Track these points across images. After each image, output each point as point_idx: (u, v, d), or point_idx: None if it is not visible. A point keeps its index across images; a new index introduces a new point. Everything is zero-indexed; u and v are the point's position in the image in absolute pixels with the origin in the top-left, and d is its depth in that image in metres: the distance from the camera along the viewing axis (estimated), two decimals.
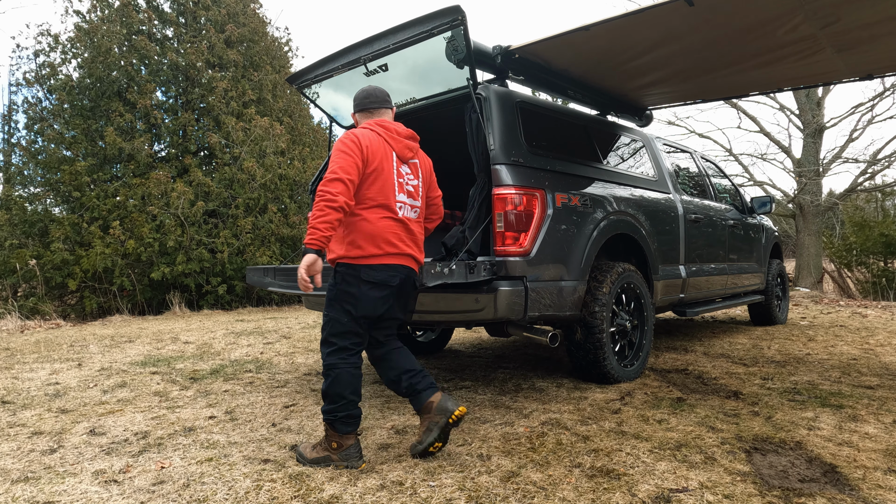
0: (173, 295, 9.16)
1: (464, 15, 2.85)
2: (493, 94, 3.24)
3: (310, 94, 3.94)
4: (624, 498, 1.94)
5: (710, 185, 5.40)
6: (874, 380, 3.64)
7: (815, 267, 12.57)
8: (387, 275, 2.32)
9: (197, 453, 2.48)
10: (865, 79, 3.96)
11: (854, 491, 1.97)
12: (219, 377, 4.08)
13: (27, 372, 4.41)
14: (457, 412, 2.32)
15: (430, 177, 2.66)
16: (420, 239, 2.49)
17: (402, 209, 2.41)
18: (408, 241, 2.40)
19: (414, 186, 2.49)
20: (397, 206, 2.38)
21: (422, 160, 2.61)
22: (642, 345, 3.82)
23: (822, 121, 12.92)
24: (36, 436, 2.79)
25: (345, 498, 1.99)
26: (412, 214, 2.46)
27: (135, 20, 9.73)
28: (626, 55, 3.56)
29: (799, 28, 3.12)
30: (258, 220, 9.75)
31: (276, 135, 10.13)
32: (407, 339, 4.77)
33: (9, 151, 9.53)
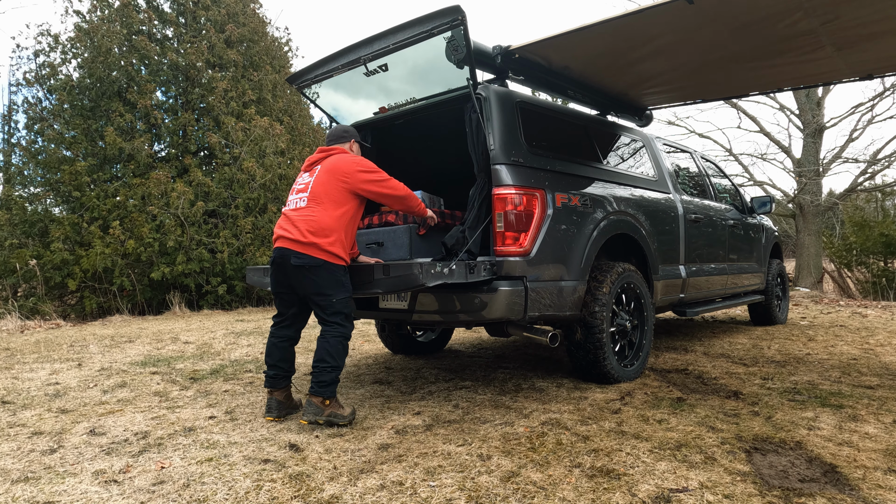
0: (173, 295, 9.16)
1: (464, 15, 2.85)
2: (493, 94, 3.24)
3: (310, 94, 3.94)
4: (624, 498, 1.94)
5: (710, 185, 5.40)
6: (874, 380, 3.64)
7: (815, 267, 12.57)
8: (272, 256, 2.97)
9: (197, 453, 2.48)
10: (865, 79, 3.96)
11: (854, 491, 1.97)
12: (219, 377, 4.08)
13: (27, 372, 4.41)
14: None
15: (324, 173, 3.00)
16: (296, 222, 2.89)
17: (289, 205, 3.01)
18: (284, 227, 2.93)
19: (304, 184, 3.00)
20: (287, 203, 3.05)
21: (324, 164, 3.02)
22: (642, 345, 3.82)
23: (822, 121, 12.92)
24: (36, 436, 2.79)
25: (345, 498, 1.99)
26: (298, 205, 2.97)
27: (135, 20, 9.73)
28: (627, 55, 3.56)
29: (798, 24, 3.12)
30: (258, 220, 9.75)
31: (276, 135, 10.13)
32: (407, 339, 4.78)
33: (9, 151, 9.53)
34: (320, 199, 2.87)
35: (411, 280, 2.65)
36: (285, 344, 3.03)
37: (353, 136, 3.17)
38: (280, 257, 2.87)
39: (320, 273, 2.80)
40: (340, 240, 2.85)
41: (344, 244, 2.87)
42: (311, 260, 2.79)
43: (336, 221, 2.84)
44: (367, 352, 5.08)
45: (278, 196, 10.21)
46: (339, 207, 2.87)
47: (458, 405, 3.18)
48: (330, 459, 2.37)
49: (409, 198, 3.04)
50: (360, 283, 2.94)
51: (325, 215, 2.83)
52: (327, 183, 2.89)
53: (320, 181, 2.91)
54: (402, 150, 4.49)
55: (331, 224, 2.83)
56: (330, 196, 2.86)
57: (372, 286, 2.88)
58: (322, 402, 2.80)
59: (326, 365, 2.80)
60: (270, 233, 9.84)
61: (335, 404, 2.85)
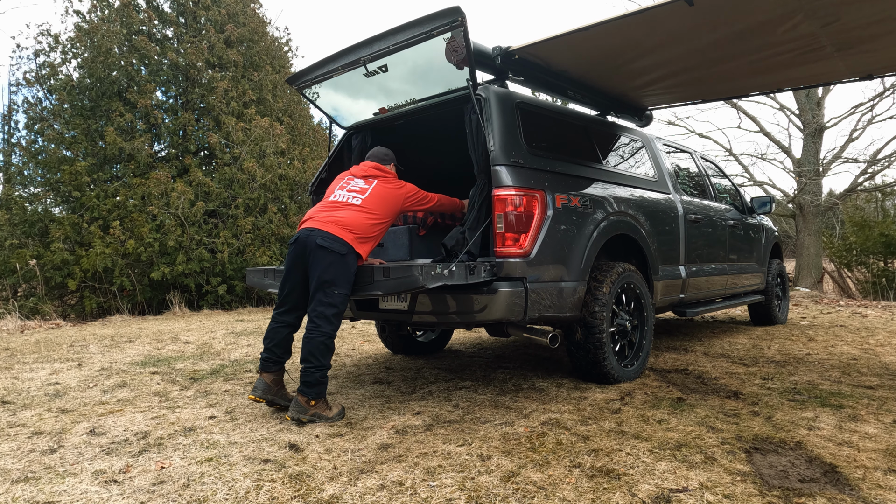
0: (173, 295, 9.16)
1: (464, 16, 2.85)
2: (493, 95, 3.24)
3: (310, 94, 3.94)
4: (624, 498, 1.94)
5: (710, 186, 5.40)
6: (874, 380, 3.64)
7: (815, 267, 12.57)
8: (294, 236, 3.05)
9: (197, 453, 2.48)
10: (865, 79, 3.96)
11: (854, 491, 1.98)
12: (219, 377, 4.08)
13: (27, 372, 4.41)
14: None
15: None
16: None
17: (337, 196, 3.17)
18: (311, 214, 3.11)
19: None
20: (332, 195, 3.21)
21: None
22: (642, 345, 3.82)
23: (822, 121, 12.92)
24: (36, 436, 2.79)
25: (345, 498, 2.00)
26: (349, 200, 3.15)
27: (135, 20, 9.73)
28: (626, 56, 3.56)
29: (799, 27, 3.12)
30: (258, 220, 9.75)
31: (276, 135, 10.13)
32: (407, 339, 4.78)
33: (9, 151, 9.53)
34: (374, 209, 3.05)
35: (411, 281, 2.65)
36: (283, 330, 3.06)
37: (393, 160, 3.43)
38: (306, 237, 2.93)
39: (340, 261, 2.85)
40: (370, 246, 3.04)
41: (368, 252, 3.04)
42: (339, 245, 2.86)
43: (376, 232, 3.06)
44: (367, 352, 5.08)
45: (278, 196, 10.21)
46: (383, 223, 3.10)
47: (458, 405, 3.19)
48: (330, 459, 2.37)
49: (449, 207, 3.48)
50: (360, 284, 2.94)
51: (372, 223, 3.01)
52: (386, 199, 3.11)
53: (380, 195, 3.12)
54: (402, 151, 4.48)
55: (373, 232, 3.03)
56: (384, 212, 3.09)
57: (372, 287, 2.88)
58: (307, 402, 2.85)
59: (310, 366, 2.84)
60: (271, 233, 9.85)
61: (321, 405, 2.90)
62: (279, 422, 2.93)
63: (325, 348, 2.85)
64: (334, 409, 2.96)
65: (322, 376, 2.85)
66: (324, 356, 2.85)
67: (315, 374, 2.83)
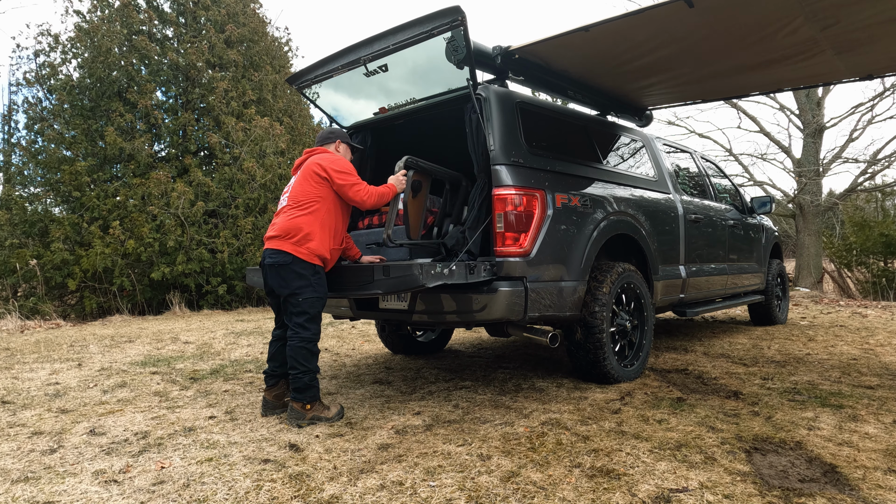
0: (173, 295, 9.16)
1: (464, 15, 2.85)
2: (493, 95, 3.24)
3: (310, 94, 3.94)
4: (624, 498, 1.94)
5: (710, 185, 5.40)
6: (874, 380, 3.64)
7: (815, 267, 12.57)
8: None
9: (197, 453, 2.48)
10: (865, 79, 3.96)
11: (854, 491, 1.97)
12: (219, 377, 4.08)
13: (27, 372, 4.41)
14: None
15: (303, 174, 3.04)
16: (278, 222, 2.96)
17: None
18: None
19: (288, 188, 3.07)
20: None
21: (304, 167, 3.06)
22: (642, 345, 3.82)
23: (822, 121, 12.92)
24: (36, 436, 2.79)
25: (345, 498, 2.00)
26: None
27: (135, 20, 9.73)
28: (626, 56, 3.56)
29: (799, 31, 3.12)
30: (258, 220, 9.75)
31: (276, 135, 10.13)
32: (407, 339, 4.78)
33: (9, 151, 9.53)
34: (298, 198, 2.94)
35: (411, 281, 2.65)
36: (276, 343, 3.10)
37: (339, 137, 3.22)
38: (262, 258, 2.98)
39: (287, 270, 2.85)
40: (315, 237, 2.88)
41: (321, 242, 2.90)
42: (281, 257, 2.85)
43: (310, 219, 2.89)
44: (367, 352, 5.08)
45: (278, 196, 10.21)
46: (314, 205, 2.92)
47: (458, 405, 3.18)
48: (330, 459, 2.37)
49: (377, 200, 3.01)
50: (360, 284, 2.94)
51: (300, 214, 2.90)
52: (304, 182, 2.96)
53: (299, 181, 2.99)
54: (402, 151, 4.48)
55: (305, 221, 2.88)
56: (307, 194, 2.93)
57: (372, 287, 2.88)
58: (302, 407, 2.85)
59: (296, 372, 2.83)
60: None
61: (318, 406, 2.90)
62: (279, 422, 2.93)
63: (306, 352, 2.85)
64: (333, 409, 2.96)
65: (311, 380, 2.86)
66: (307, 360, 2.85)
67: (303, 379, 2.84)
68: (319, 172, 2.94)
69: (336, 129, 3.28)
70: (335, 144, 3.21)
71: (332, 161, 2.99)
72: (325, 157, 3.02)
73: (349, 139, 3.27)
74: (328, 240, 2.95)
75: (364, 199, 2.97)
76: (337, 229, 3.02)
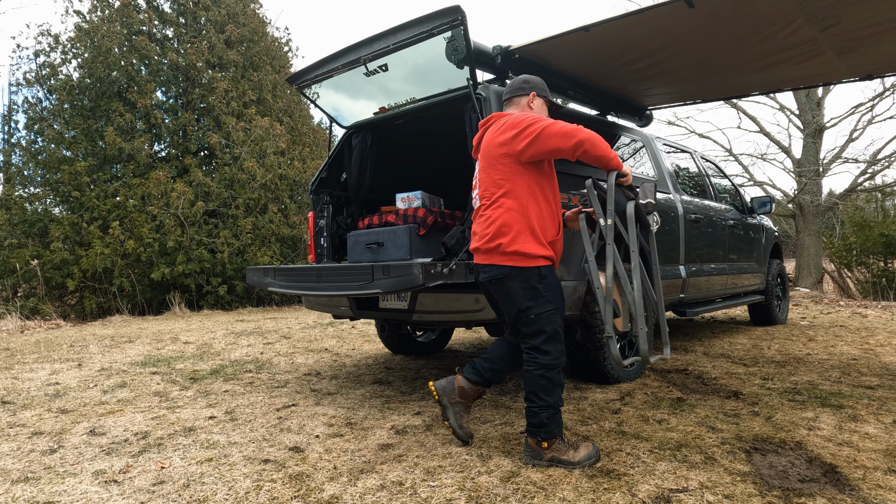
0: (173, 295, 9.16)
1: (464, 15, 2.85)
2: (493, 95, 3.23)
3: (310, 94, 3.94)
4: (624, 498, 1.94)
5: (710, 185, 5.40)
6: (874, 380, 3.64)
7: (815, 267, 12.57)
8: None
9: (197, 453, 2.48)
10: (865, 79, 3.96)
11: (854, 491, 1.97)
12: (219, 377, 4.08)
13: (27, 372, 4.41)
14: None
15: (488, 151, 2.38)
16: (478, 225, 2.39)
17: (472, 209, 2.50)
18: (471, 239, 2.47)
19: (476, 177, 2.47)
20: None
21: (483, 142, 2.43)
22: None
23: (822, 121, 12.92)
24: (36, 436, 2.79)
25: (345, 498, 1.99)
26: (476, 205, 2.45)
27: (135, 20, 9.73)
28: (626, 56, 3.56)
29: (799, 31, 3.12)
30: (258, 220, 9.75)
31: (277, 135, 10.13)
32: (407, 339, 4.78)
33: (9, 151, 9.54)
34: (488, 189, 2.33)
35: (411, 280, 2.65)
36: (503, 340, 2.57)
37: (534, 88, 2.48)
38: (476, 274, 2.47)
39: (507, 284, 2.28)
40: (528, 232, 2.26)
41: (536, 235, 2.28)
42: (494, 271, 2.30)
43: (512, 212, 2.27)
44: (367, 352, 5.08)
45: (278, 196, 10.22)
46: (512, 191, 2.28)
47: None
48: (330, 459, 2.37)
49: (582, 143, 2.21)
50: (359, 283, 2.94)
51: (497, 209, 2.29)
52: (488, 167, 2.34)
53: (482, 167, 2.38)
54: (403, 150, 4.49)
55: (506, 218, 2.26)
56: (495, 182, 2.30)
57: (372, 286, 2.88)
58: (538, 444, 2.27)
59: (533, 405, 2.27)
60: (271, 233, 9.86)
61: (558, 446, 2.25)
62: (279, 422, 2.93)
63: (545, 383, 2.25)
64: (582, 451, 2.26)
65: (550, 417, 2.25)
66: (547, 393, 2.25)
67: (539, 416, 2.26)
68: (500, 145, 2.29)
69: (530, 79, 2.50)
70: (528, 99, 2.47)
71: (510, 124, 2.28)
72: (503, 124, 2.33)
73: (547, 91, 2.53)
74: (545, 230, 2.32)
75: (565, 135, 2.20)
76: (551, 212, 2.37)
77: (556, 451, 2.25)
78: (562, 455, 2.23)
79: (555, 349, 2.28)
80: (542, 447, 2.25)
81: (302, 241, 10.22)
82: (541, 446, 2.26)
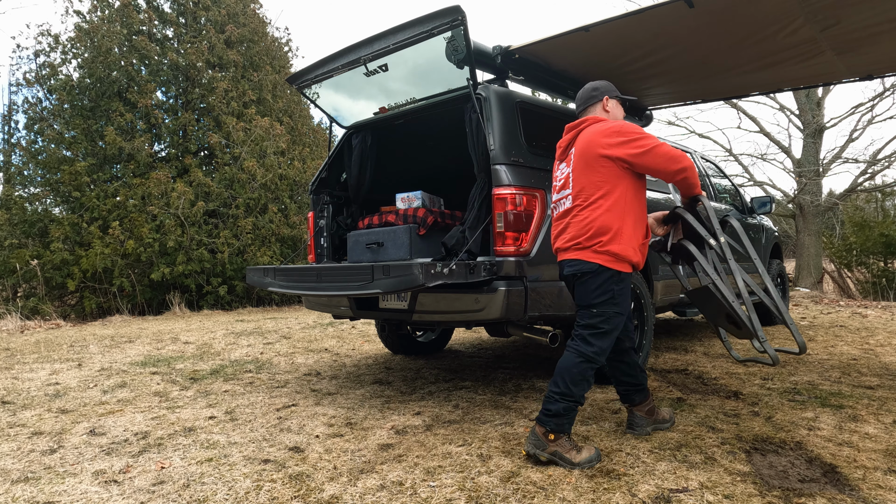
0: (173, 295, 9.16)
1: (464, 15, 2.85)
2: (493, 95, 3.24)
3: (310, 94, 3.94)
4: (624, 498, 1.94)
5: (710, 186, 5.40)
6: (874, 380, 3.64)
7: (815, 267, 12.57)
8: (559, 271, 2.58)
9: (197, 453, 2.48)
10: (865, 79, 3.96)
11: (854, 491, 1.97)
12: (219, 377, 4.08)
13: (27, 372, 4.41)
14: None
15: (584, 151, 2.42)
16: (572, 225, 2.43)
17: (556, 208, 2.56)
18: (556, 238, 2.54)
19: (565, 178, 2.50)
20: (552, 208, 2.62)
21: (576, 144, 2.47)
22: (642, 345, 3.82)
23: (822, 121, 12.92)
24: (36, 436, 2.79)
25: (345, 498, 1.99)
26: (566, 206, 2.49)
27: (135, 20, 9.73)
28: (626, 56, 3.57)
29: (799, 31, 3.12)
30: (259, 220, 9.75)
31: (277, 135, 10.13)
32: (407, 339, 4.78)
33: (9, 151, 9.54)
34: (585, 190, 2.37)
35: (411, 280, 2.65)
36: (620, 357, 2.61)
37: (607, 92, 2.57)
38: (561, 269, 2.53)
39: (589, 280, 2.36)
40: (623, 234, 2.34)
41: (629, 238, 2.35)
42: (581, 266, 2.37)
43: (611, 214, 2.33)
44: (367, 352, 5.08)
45: (279, 196, 10.21)
46: (610, 195, 2.34)
47: (458, 405, 3.18)
48: (330, 459, 2.37)
49: (685, 170, 2.36)
50: (359, 283, 2.94)
51: (595, 210, 2.35)
52: (586, 168, 2.37)
53: (577, 168, 2.41)
54: (403, 150, 4.49)
55: (605, 220, 2.33)
56: (594, 183, 2.36)
57: (372, 286, 2.88)
58: (545, 434, 2.25)
59: (556, 390, 2.29)
60: (271, 233, 9.86)
61: (563, 443, 2.24)
62: (279, 422, 2.93)
63: (576, 372, 2.29)
64: (584, 453, 2.25)
65: (566, 409, 2.27)
66: (574, 383, 2.27)
67: (558, 404, 2.26)
68: (601, 148, 2.34)
69: (600, 84, 2.58)
70: (602, 103, 2.55)
71: (610, 130, 2.36)
72: (601, 129, 2.39)
73: (615, 89, 2.61)
74: (637, 235, 2.40)
75: (670, 161, 2.33)
76: (641, 219, 2.45)
77: (560, 446, 2.24)
78: (564, 452, 2.23)
79: (601, 345, 2.34)
80: (548, 438, 2.24)
81: (302, 241, 10.22)
82: (547, 437, 2.25)
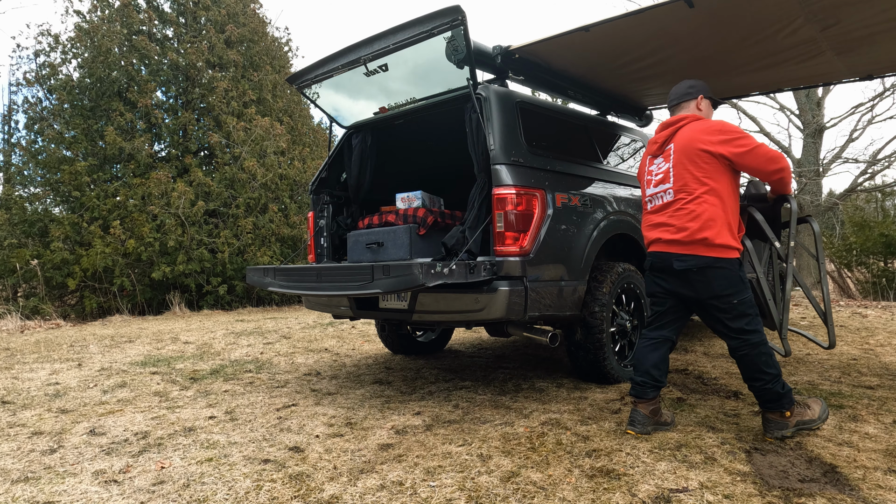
0: (173, 295, 9.16)
1: (464, 15, 2.85)
2: (493, 94, 3.24)
3: (310, 94, 3.94)
4: (624, 498, 1.94)
5: None
6: (874, 380, 3.64)
7: (814, 267, 12.57)
8: (649, 261, 2.69)
9: (197, 453, 2.48)
10: (865, 79, 3.96)
11: (854, 491, 1.97)
12: (219, 377, 4.08)
13: (27, 372, 4.41)
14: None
15: (685, 147, 2.53)
16: (675, 219, 2.54)
17: (652, 202, 2.68)
18: (652, 229, 2.66)
19: (664, 172, 2.61)
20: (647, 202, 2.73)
21: (676, 141, 2.59)
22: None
23: (822, 121, 12.93)
24: (36, 436, 2.79)
25: (345, 498, 1.99)
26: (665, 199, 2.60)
27: (135, 20, 9.73)
28: (626, 56, 3.56)
29: (799, 31, 3.12)
30: (259, 219, 9.76)
31: (277, 135, 10.13)
32: (407, 339, 4.78)
33: (9, 151, 9.54)
34: (688, 185, 2.49)
35: (411, 280, 2.65)
36: (660, 347, 2.66)
37: (702, 91, 2.68)
38: (659, 261, 2.60)
39: (710, 273, 2.45)
40: (728, 226, 2.47)
41: (732, 229, 2.49)
42: (697, 261, 2.46)
43: (716, 207, 2.45)
44: (367, 352, 5.08)
45: (279, 196, 10.21)
46: (715, 189, 2.47)
47: (458, 405, 3.18)
48: (330, 459, 2.37)
49: (782, 171, 2.50)
50: (359, 283, 2.94)
51: (702, 204, 2.46)
52: (688, 163, 2.50)
53: (678, 163, 2.53)
54: (403, 150, 4.49)
55: (712, 212, 2.44)
56: (697, 178, 2.48)
57: (372, 286, 2.88)
58: (782, 416, 2.45)
59: (763, 382, 2.42)
60: (271, 233, 9.86)
61: (798, 411, 2.48)
62: (279, 421, 2.93)
63: (766, 359, 2.43)
64: (815, 407, 2.50)
65: (776, 387, 2.42)
66: (769, 365, 2.43)
67: (774, 388, 2.42)
68: (705, 145, 2.46)
69: (695, 83, 2.69)
70: (697, 101, 2.67)
71: (711, 129, 2.49)
72: (703, 127, 2.52)
73: (709, 90, 2.73)
74: (736, 225, 2.54)
75: (769, 161, 2.46)
76: (738, 210, 2.59)
77: (798, 415, 2.46)
78: (803, 417, 2.46)
79: (759, 326, 2.48)
80: (786, 417, 2.44)
81: (302, 241, 10.22)
82: (784, 416, 2.44)
